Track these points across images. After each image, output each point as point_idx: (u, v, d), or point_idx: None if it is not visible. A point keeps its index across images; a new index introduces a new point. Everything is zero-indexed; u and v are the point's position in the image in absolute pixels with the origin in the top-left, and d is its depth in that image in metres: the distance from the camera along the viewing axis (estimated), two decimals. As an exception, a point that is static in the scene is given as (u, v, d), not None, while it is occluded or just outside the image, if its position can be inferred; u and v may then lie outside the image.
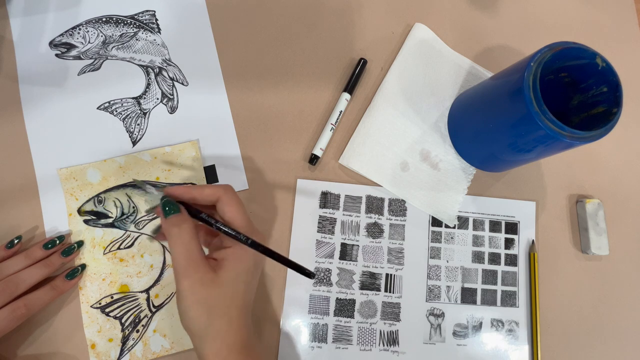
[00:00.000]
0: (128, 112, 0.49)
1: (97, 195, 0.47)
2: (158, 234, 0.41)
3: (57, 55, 0.49)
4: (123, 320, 0.46)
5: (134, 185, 0.47)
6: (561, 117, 0.40)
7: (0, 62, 0.49)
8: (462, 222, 0.52)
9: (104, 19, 0.51)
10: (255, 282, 0.39)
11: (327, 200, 0.50)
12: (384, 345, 0.49)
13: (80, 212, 0.47)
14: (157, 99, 0.50)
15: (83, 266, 0.46)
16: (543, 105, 0.39)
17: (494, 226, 0.53)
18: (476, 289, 0.51)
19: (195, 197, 0.38)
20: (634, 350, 0.53)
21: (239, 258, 0.37)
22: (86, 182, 0.47)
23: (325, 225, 0.50)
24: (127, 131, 0.49)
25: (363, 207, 0.51)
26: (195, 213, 0.38)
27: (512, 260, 0.53)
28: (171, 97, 0.50)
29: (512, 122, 0.42)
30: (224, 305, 0.36)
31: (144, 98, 0.50)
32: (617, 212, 0.55)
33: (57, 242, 0.45)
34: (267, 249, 0.38)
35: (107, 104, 0.49)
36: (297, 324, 0.48)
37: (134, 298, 0.46)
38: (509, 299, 0.52)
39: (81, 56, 0.50)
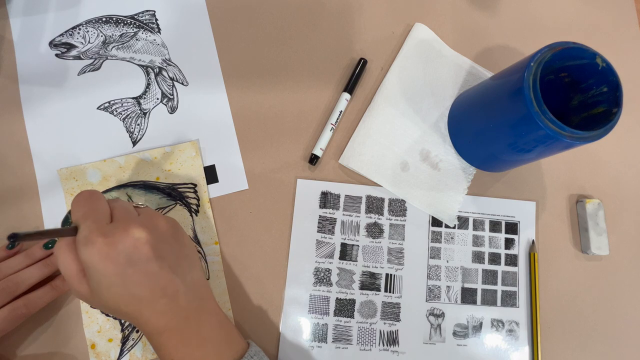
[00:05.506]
0: (128, 112, 0.49)
1: (97, 195, 0.47)
2: None
3: (57, 55, 0.49)
4: (123, 321, 0.46)
5: (134, 185, 0.47)
6: (561, 117, 0.40)
7: (0, 62, 0.49)
8: (462, 222, 0.52)
9: (104, 19, 0.51)
10: (139, 275, 0.35)
11: (327, 200, 0.50)
12: (383, 345, 0.49)
13: (80, 212, 0.47)
14: (157, 99, 0.50)
15: (83, 266, 0.46)
16: (543, 105, 0.39)
17: (494, 226, 0.53)
18: (476, 289, 0.51)
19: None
20: (634, 350, 0.53)
21: (86, 268, 0.34)
22: (86, 182, 0.47)
23: (325, 225, 0.50)
24: (127, 131, 0.49)
25: (363, 207, 0.51)
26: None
27: (512, 260, 0.53)
28: (171, 97, 0.50)
29: (512, 122, 0.42)
30: (114, 306, 0.36)
31: (144, 98, 0.50)
32: (617, 212, 0.55)
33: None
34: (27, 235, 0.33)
35: (107, 104, 0.49)
36: (297, 324, 0.48)
37: (134, 298, 0.46)
38: (509, 299, 0.52)
39: (81, 56, 0.50)
